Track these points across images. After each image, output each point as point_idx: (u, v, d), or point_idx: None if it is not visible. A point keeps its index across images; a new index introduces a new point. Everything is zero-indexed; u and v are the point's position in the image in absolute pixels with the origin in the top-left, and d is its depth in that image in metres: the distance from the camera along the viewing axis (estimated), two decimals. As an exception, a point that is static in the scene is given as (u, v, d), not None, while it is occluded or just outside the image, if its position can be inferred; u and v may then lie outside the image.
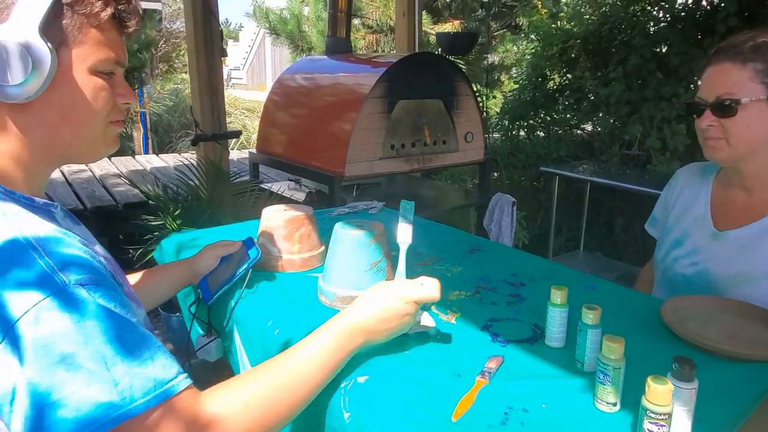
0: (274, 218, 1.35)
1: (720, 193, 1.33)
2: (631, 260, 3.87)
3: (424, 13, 4.92)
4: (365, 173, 2.87)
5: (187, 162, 3.34)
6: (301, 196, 3.31)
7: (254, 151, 3.60)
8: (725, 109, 1.16)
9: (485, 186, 3.49)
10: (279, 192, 3.33)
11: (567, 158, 4.20)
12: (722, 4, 3.45)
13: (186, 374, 0.70)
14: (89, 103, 0.75)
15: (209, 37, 3.24)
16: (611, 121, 4.01)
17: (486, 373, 0.90)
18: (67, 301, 0.63)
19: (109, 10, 0.73)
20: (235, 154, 5.51)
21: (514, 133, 4.74)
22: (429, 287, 0.95)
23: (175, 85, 8.87)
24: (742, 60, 1.14)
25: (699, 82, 1.25)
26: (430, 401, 0.83)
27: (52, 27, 0.69)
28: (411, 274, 1.24)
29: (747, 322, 1.07)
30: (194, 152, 3.82)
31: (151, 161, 5.52)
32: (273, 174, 4.31)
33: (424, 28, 4.75)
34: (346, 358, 0.87)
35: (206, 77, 3.29)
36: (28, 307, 0.61)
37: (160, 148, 7.38)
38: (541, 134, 4.57)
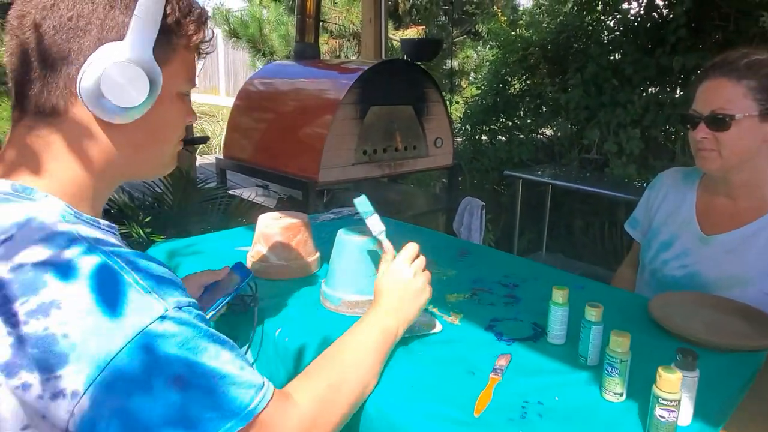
0: (272, 225, 1.36)
1: (705, 199, 1.40)
2: (591, 260, 4.04)
3: (385, 19, 4.97)
4: (338, 179, 2.89)
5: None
6: (271, 202, 3.30)
7: (221, 156, 3.56)
8: (719, 123, 1.22)
9: (453, 190, 3.57)
10: (249, 198, 3.30)
11: (529, 162, 4.34)
12: (671, 15, 3.66)
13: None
14: (176, 123, 0.76)
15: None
16: (570, 126, 4.17)
17: (498, 370, 0.95)
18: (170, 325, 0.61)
19: (201, 35, 0.74)
20: (197, 161, 5.40)
21: (476, 138, 4.86)
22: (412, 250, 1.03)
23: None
24: (737, 77, 1.21)
25: (695, 95, 1.30)
26: (451, 398, 0.87)
27: (159, 47, 0.69)
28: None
29: (725, 315, 1.16)
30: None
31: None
32: (238, 180, 4.26)
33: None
34: (391, 347, 0.93)
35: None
36: (133, 334, 0.59)
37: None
38: (503, 139, 4.70)
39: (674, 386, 0.76)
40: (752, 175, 1.30)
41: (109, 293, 0.60)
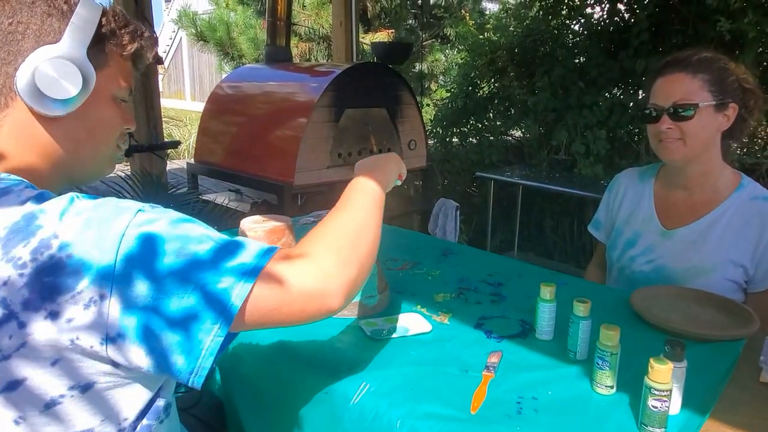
0: (255, 229, 1.34)
1: (662, 195, 1.46)
2: (561, 259, 4.12)
3: (355, 22, 4.97)
4: (314, 182, 2.88)
5: (119, 174, 3.19)
6: (245, 207, 3.25)
7: (191, 161, 3.50)
8: (683, 113, 1.29)
9: (427, 192, 3.59)
10: (222, 203, 3.25)
11: (499, 163, 4.41)
12: (633, 20, 3.78)
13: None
14: (113, 124, 0.82)
15: (143, 44, 3.12)
16: (539, 127, 4.25)
17: (491, 368, 0.96)
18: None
19: (136, 44, 0.81)
20: (166, 166, 5.29)
21: (447, 140, 4.91)
22: None
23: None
24: (692, 71, 1.29)
25: (650, 92, 1.37)
26: (446, 397, 0.88)
27: (93, 51, 0.76)
28: (391, 277, 1.28)
29: (701, 307, 1.20)
30: (127, 164, 3.65)
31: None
32: (209, 185, 4.19)
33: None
34: (381, 208, 0.93)
35: (141, 86, 3.16)
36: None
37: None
38: (474, 141, 4.76)
39: (666, 377, 0.78)
40: (707, 166, 1.37)
41: (92, 212, 0.67)
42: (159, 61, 3.00)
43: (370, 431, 0.86)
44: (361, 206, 0.87)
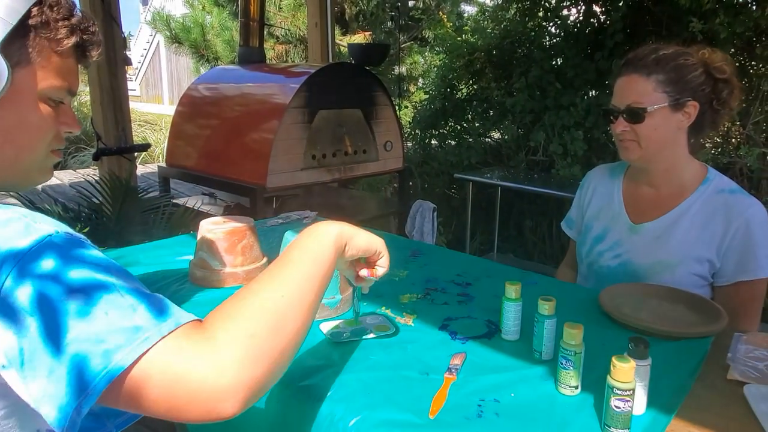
0: (214, 230, 1.29)
1: (630, 190, 1.46)
2: (540, 259, 4.12)
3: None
4: (287, 184, 2.83)
5: (87, 179, 3.11)
6: (218, 210, 3.19)
7: (163, 164, 3.42)
8: (635, 116, 1.29)
9: (405, 194, 3.56)
10: (194, 207, 3.18)
11: (478, 165, 4.40)
12: (608, 22, 3.80)
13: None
14: (36, 127, 0.73)
15: (111, 44, 3.05)
16: (517, 129, 4.25)
17: (453, 370, 0.92)
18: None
19: (74, 39, 0.72)
20: (138, 169, 5.20)
21: (426, 142, 4.89)
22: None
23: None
24: (646, 72, 1.28)
25: (614, 90, 1.36)
26: (405, 401, 0.84)
27: (12, 45, 0.68)
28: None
29: (671, 304, 1.18)
30: (94, 168, 3.57)
31: (41, 179, 5.07)
32: (183, 188, 4.12)
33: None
34: (334, 262, 0.78)
35: (108, 87, 3.09)
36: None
37: (48, 166, 6.75)
38: (452, 143, 4.74)
39: (628, 375, 0.75)
40: (670, 162, 1.36)
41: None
42: (127, 62, 2.93)
43: (324, 439, 0.81)
44: (300, 281, 0.70)
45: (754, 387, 0.87)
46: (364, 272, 0.90)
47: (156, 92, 15.10)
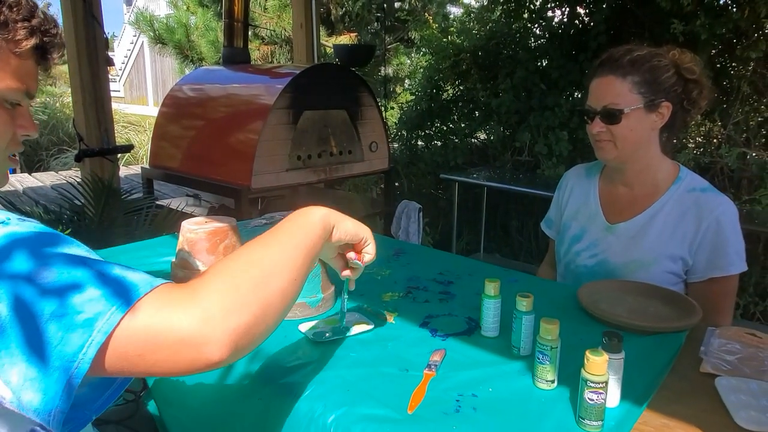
0: (196, 231, 1.29)
1: (606, 190, 1.48)
2: (527, 259, 4.15)
3: (318, 25, 4.95)
4: (272, 185, 2.83)
5: (69, 180, 3.08)
6: (202, 211, 3.18)
7: (147, 166, 3.40)
8: (611, 117, 1.31)
9: (391, 194, 3.57)
10: (178, 208, 3.17)
11: (464, 165, 4.42)
12: (592, 23, 3.84)
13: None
14: None
15: (93, 45, 3.03)
16: (502, 129, 4.28)
17: (432, 366, 0.93)
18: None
19: (34, 41, 0.70)
20: (121, 171, 5.17)
21: (412, 142, 4.91)
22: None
23: (46, 98, 8.13)
24: (622, 74, 1.29)
25: (589, 90, 1.38)
26: (384, 397, 0.84)
27: None
28: (338, 277, 1.24)
29: (647, 300, 1.20)
30: (76, 170, 3.54)
31: (23, 181, 5.01)
32: (168, 190, 4.10)
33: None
34: (322, 239, 0.79)
35: (90, 88, 3.07)
36: None
37: (29, 168, 6.69)
38: (439, 143, 4.77)
39: (601, 368, 0.76)
40: (645, 162, 1.38)
41: None
42: (110, 62, 2.91)
43: (301, 435, 0.82)
44: (286, 245, 0.72)
45: (724, 379, 0.89)
46: (351, 255, 0.92)
47: (140, 93, 14.98)
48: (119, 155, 3.33)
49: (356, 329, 1.06)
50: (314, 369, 0.93)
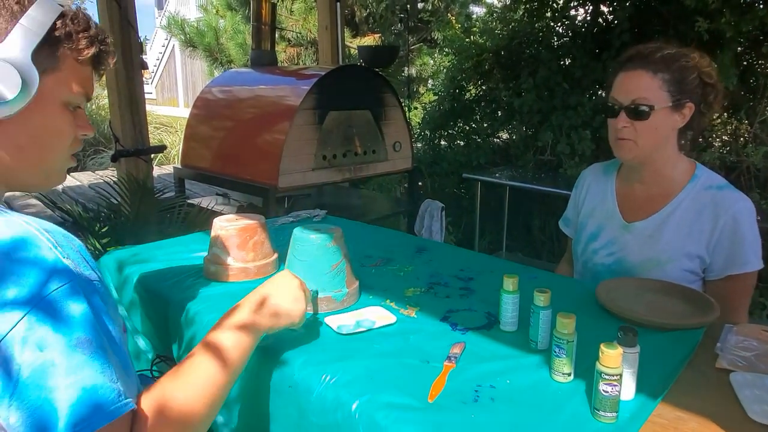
0: (227, 227, 1.35)
1: (623, 189, 1.48)
2: (549, 258, 4.14)
3: (343, 27, 5.01)
4: (298, 184, 2.89)
5: (106, 180, 3.20)
6: (231, 210, 3.27)
7: (179, 166, 3.51)
8: (640, 113, 1.29)
9: (413, 193, 3.61)
10: (208, 207, 3.26)
11: (486, 165, 4.43)
12: (615, 21, 3.81)
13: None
14: (59, 131, 0.79)
15: (128, 49, 3.14)
16: (524, 129, 4.28)
17: (452, 358, 0.97)
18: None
19: (94, 49, 0.79)
20: (154, 171, 5.32)
21: (435, 142, 4.93)
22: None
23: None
24: (653, 69, 1.29)
25: (612, 85, 1.37)
26: (406, 386, 0.89)
27: (41, 54, 0.74)
28: (364, 274, 1.30)
29: (667, 297, 1.22)
30: (112, 169, 3.66)
31: (60, 181, 5.19)
32: (198, 189, 4.20)
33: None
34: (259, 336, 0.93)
35: (126, 91, 3.18)
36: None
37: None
38: (461, 143, 4.78)
39: (615, 361, 0.80)
40: (662, 162, 1.38)
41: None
42: (144, 66, 3.01)
43: (333, 421, 0.87)
44: (239, 362, 0.86)
45: (739, 374, 0.92)
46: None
47: (171, 95, 15.28)
48: (153, 155, 3.43)
49: (380, 323, 1.11)
50: (341, 359, 0.98)
